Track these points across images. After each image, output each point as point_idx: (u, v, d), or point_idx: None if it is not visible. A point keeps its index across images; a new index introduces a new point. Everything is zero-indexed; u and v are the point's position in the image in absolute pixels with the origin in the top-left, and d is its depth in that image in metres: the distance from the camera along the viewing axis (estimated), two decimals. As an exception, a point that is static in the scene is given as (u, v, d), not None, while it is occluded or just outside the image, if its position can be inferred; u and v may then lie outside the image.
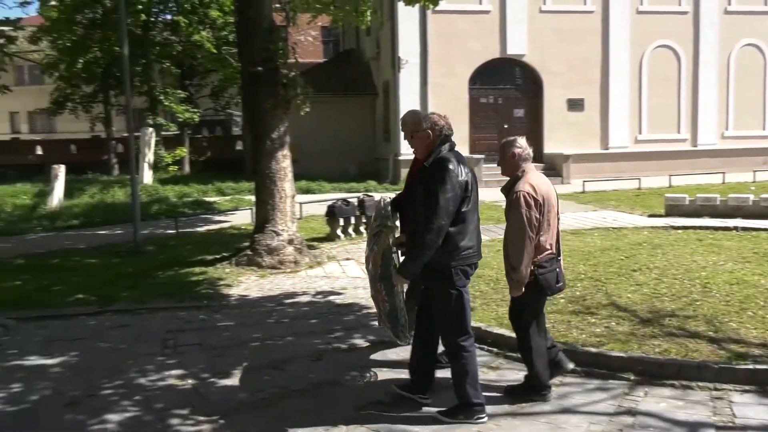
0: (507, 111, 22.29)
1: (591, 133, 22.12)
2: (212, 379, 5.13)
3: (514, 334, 5.05)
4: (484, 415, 4.28)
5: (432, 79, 21.09)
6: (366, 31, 23.85)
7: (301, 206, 12.74)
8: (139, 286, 8.39)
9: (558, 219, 4.62)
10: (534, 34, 21.43)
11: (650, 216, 13.04)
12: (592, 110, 22.11)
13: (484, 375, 5.06)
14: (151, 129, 23.79)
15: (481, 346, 5.68)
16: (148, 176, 22.25)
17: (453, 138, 4.52)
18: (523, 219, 4.31)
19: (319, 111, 14.99)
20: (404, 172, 21.36)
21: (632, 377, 4.83)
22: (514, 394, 4.67)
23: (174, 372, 5.29)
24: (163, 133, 27.50)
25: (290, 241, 9.33)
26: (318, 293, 7.84)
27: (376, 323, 6.51)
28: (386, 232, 4.69)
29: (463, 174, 4.20)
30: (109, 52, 25.41)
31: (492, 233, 11.45)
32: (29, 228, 14.12)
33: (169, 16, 27.75)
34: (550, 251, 4.50)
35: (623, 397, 4.58)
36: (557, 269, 4.57)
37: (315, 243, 10.91)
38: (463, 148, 20.51)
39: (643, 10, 22.01)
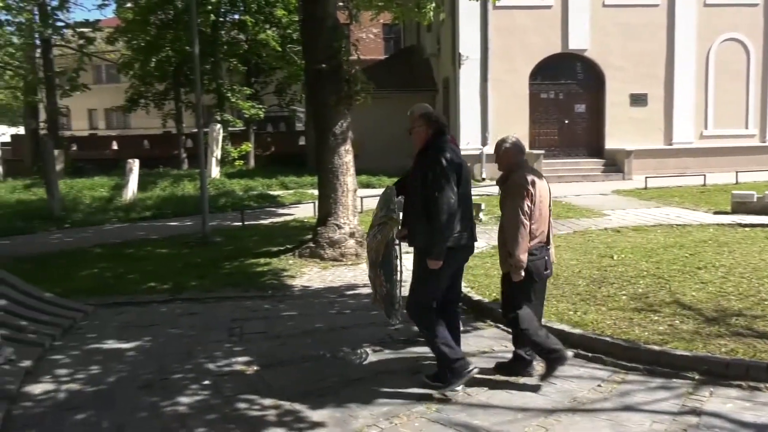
0: (568, 106, 21.84)
1: (654, 128, 21.45)
2: (277, 367, 5.23)
3: (573, 330, 5.41)
4: (471, 367, 4.52)
5: (492, 74, 20.84)
6: (427, 28, 23.75)
7: (362, 200, 12.81)
8: (207, 275, 8.61)
9: (549, 210, 4.86)
10: (596, 29, 20.91)
11: (716, 213, 12.56)
12: (655, 105, 21.43)
13: (543, 371, 4.99)
14: (218, 125, 24.31)
15: (541, 341, 5.61)
16: (215, 170, 22.75)
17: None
18: (517, 208, 4.58)
19: (380, 107, 15.03)
20: (463, 167, 21.34)
21: (697, 377, 4.68)
22: (504, 369, 4.91)
23: (240, 359, 5.41)
24: (230, 129, 28.05)
25: (351, 234, 9.41)
26: (378, 285, 7.88)
27: (435, 316, 6.55)
28: (390, 224, 4.95)
29: (455, 161, 4.52)
30: (180, 51, 26.05)
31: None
32: (106, 219, 14.65)
33: (236, 16, 28.26)
34: (539, 239, 4.72)
35: (687, 396, 4.44)
36: (546, 257, 4.80)
37: (376, 236, 10.96)
38: (522, 143, 20.25)
39: (710, 3, 21.16)
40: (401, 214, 4.98)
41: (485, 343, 5.67)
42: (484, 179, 20.75)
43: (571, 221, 12.05)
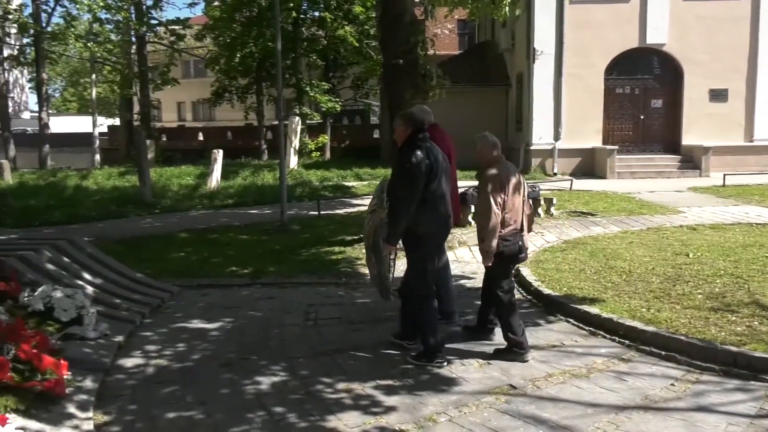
0: (644, 101, 21.06)
1: (734, 124, 20.43)
2: (351, 352, 5.27)
3: (646, 327, 5.34)
4: (443, 361, 4.88)
5: (567, 69, 20.31)
6: (501, 24, 23.37)
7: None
8: (285, 261, 8.77)
9: (524, 201, 5.19)
10: (676, 23, 20.05)
11: (799, 213, 11.87)
12: (736, 101, 20.39)
13: (615, 366, 4.87)
14: (297, 118, 24.71)
15: (612, 337, 5.46)
16: (293, 161, 23.17)
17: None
18: (489, 199, 4.88)
19: (454, 101, 14.93)
20: (535, 162, 20.94)
21: (776, 380, 4.44)
22: (499, 356, 5.05)
23: (315, 343, 5.48)
24: (308, 121, 28.50)
25: (423, 226, 9.37)
26: (449, 276, 7.83)
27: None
28: (379, 211, 5.39)
29: (427, 158, 4.82)
30: (263, 47, 26.62)
31: (624, 224, 10.91)
32: (192, 205, 15.13)
33: (316, 13, 28.62)
34: (513, 227, 5.03)
35: (766, 399, 4.21)
36: (520, 242, 5.10)
37: (446, 228, 10.89)
38: (596, 138, 19.81)
39: (798, -7, 19.96)
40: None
41: (555, 337, 5.55)
42: (555, 174, 20.27)
43: (645, 218, 11.63)
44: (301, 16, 27.99)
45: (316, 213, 13.13)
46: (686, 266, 7.50)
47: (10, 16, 26.48)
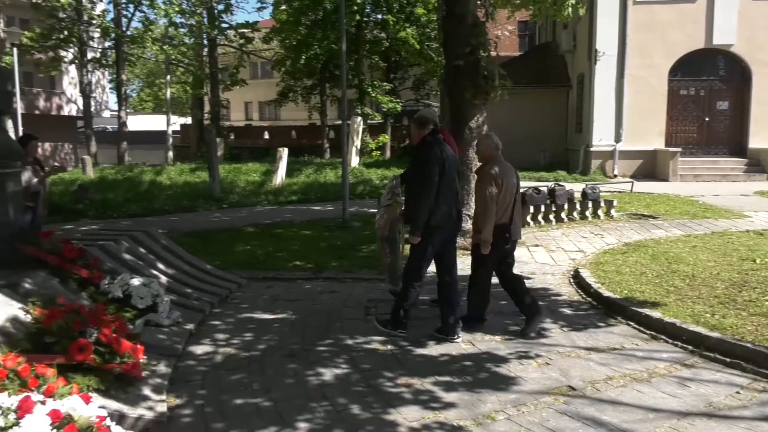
0: (709, 103, 20.25)
1: (804, 127, 19.44)
2: (409, 347, 5.26)
3: (711, 333, 5.18)
4: (404, 331, 5.42)
5: (629, 70, 19.72)
6: (563, 25, 22.92)
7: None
8: (346, 257, 8.83)
9: (515, 198, 5.59)
10: (744, 23, 19.18)
11: None
12: (808, 103, 19.40)
13: (678, 371, 4.69)
14: (359, 118, 24.86)
15: (674, 342, 5.27)
16: (355, 160, 23.31)
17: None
18: (486, 194, 5.34)
19: (514, 102, 14.66)
20: (595, 163, 20.43)
21: None
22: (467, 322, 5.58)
23: (376, 338, 5.49)
24: (369, 121, 28.63)
25: (482, 225, 9.28)
26: (507, 276, 7.72)
27: (566, 309, 6.34)
28: (395, 206, 5.79)
29: (443, 156, 5.20)
30: (328, 49, 26.87)
31: (687, 228, 10.51)
32: (258, 201, 15.44)
33: (379, 16, 28.70)
34: (503, 221, 5.46)
35: (838, 412, 3.98)
36: (507, 234, 5.54)
37: (505, 228, 10.75)
38: (658, 140, 19.17)
39: None
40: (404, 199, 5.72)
41: (615, 340, 5.39)
42: (616, 176, 19.73)
43: (709, 221, 11.18)
44: (364, 18, 28.13)
45: (376, 210, 13.15)
46: (753, 272, 7.17)
47: (94, 22, 27.59)
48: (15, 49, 21.73)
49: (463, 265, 6.99)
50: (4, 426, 2.71)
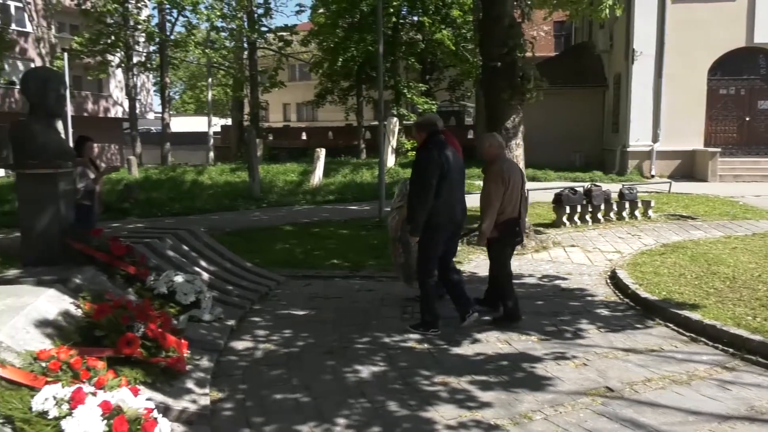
0: (750, 103, 19.71)
1: None
2: (445, 346, 5.24)
3: (752, 336, 5.05)
4: (437, 330, 5.47)
5: (667, 70, 19.31)
6: (599, 25, 22.55)
7: (528, 193, 12.47)
8: (382, 256, 8.81)
9: (522, 193, 5.81)
10: (788, 21, 18.63)
11: None
12: None
13: (718, 374, 4.57)
14: (395, 119, 24.87)
15: (715, 344, 5.14)
16: (391, 160, 23.33)
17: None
18: (491, 191, 5.55)
19: (549, 102, 14.51)
20: (632, 163, 20.05)
21: None
22: (498, 324, 5.70)
23: (413, 336, 5.48)
24: (405, 122, 28.61)
25: (518, 225, 9.19)
26: (543, 276, 7.63)
27: (603, 310, 6.24)
28: (406, 206, 5.79)
29: (439, 158, 5.30)
30: (364, 51, 26.94)
31: (727, 229, 10.25)
32: (296, 200, 15.57)
33: (415, 18, 28.66)
34: (512, 216, 5.65)
35: None
36: (517, 227, 5.75)
37: (540, 228, 10.63)
38: (697, 140, 18.77)
39: None
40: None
41: (653, 342, 5.28)
42: (653, 176, 19.34)
43: (750, 222, 10.87)
44: (401, 21, 28.13)
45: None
46: (796, 274, 6.95)
47: (140, 27, 28.19)
48: (65, 54, 22.33)
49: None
50: (58, 415, 2.79)
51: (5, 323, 3.60)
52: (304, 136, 35.96)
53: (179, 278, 5.54)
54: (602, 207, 11.41)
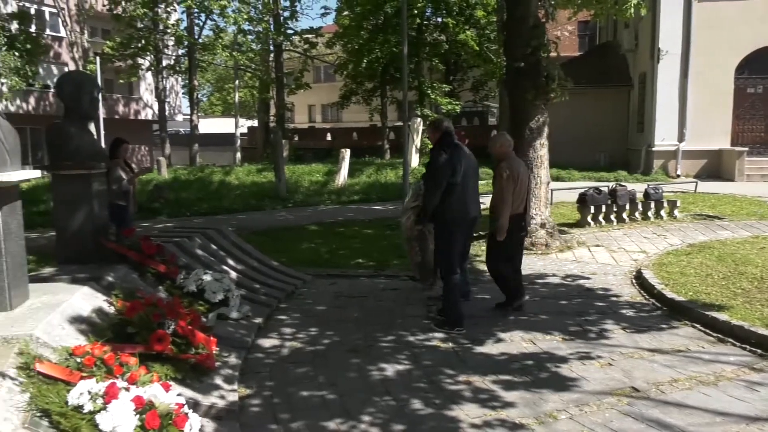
0: (778, 101, 19.30)
1: None
2: (469, 345, 5.22)
3: None
4: (462, 329, 5.49)
5: (693, 69, 19.00)
6: (624, 24, 22.25)
7: (552, 193, 12.37)
8: (407, 255, 8.81)
9: (528, 190, 6.07)
10: (817, 18, 18.20)
11: None
12: None
13: (746, 375, 4.49)
14: (419, 119, 24.82)
15: (742, 345, 5.04)
16: (415, 160, 23.30)
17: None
18: (503, 187, 5.80)
19: (573, 102, 14.34)
20: (657, 163, 19.75)
21: None
22: (502, 308, 6.09)
23: (437, 335, 5.48)
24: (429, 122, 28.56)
25: (542, 225, 9.12)
26: (568, 276, 7.56)
27: (628, 310, 6.17)
28: (421, 206, 5.94)
29: (450, 159, 5.49)
30: (388, 52, 26.93)
31: (755, 229, 10.05)
32: (321, 200, 15.63)
33: (439, 19, 28.57)
34: (518, 211, 5.91)
35: None
36: (523, 222, 6.07)
37: (565, 228, 10.53)
38: (723, 140, 18.42)
39: None
40: None
41: (680, 342, 5.20)
42: (678, 176, 19.04)
43: (778, 223, 10.65)
44: (424, 22, 28.06)
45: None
46: (827, 275, 6.79)
47: (169, 31, 28.54)
48: (98, 58, 22.71)
49: (522, 264, 6.91)
50: (93, 410, 2.85)
51: (41, 320, 3.67)
52: (329, 137, 36.10)
53: (208, 277, 5.61)
54: (627, 207, 11.26)
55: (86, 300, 4.32)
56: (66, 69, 29.22)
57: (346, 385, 4.44)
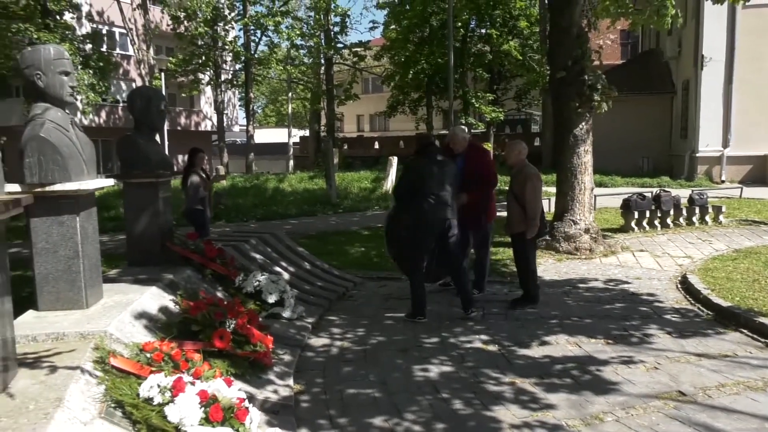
0: (826, 107, 18.42)
1: None
2: (514, 347, 5.15)
3: None
4: (423, 318, 5.90)
5: (738, 75, 18.35)
6: (667, 32, 21.63)
7: (595, 198, 12.11)
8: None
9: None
10: None
11: None
12: None
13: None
14: (463, 127, 24.68)
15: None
16: (459, 167, 23.13)
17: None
18: (536, 189, 6.06)
19: (616, 109, 14.01)
20: (701, 169, 19.12)
21: None
22: (516, 304, 6.28)
23: (482, 336, 5.43)
24: (473, 130, 28.37)
25: (586, 230, 8.94)
26: (611, 280, 7.38)
27: (673, 315, 5.99)
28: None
29: (423, 168, 5.83)
30: (434, 63, 26.92)
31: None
32: (369, 206, 15.69)
33: (483, 31, 28.41)
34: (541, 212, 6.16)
35: None
36: (544, 221, 6.36)
37: (608, 233, 10.29)
38: (766, 147, 17.67)
39: None
40: None
41: (727, 347, 5.02)
42: (723, 181, 18.38)
43: (828, 228, 10.15)
44: (469, 33, 27.94)
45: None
46: None
47: (227, 47, 29.24)
48: (162, 74, 23.42)
49: (567, 268, 6.79)
50: (162, 402, 2.93)
51: (114, 317, 3.81)
52: (376, 145, 36.26)
53: (264, 278, 5.71)
54: (672, 212, 10.93)
55: (153, 299, 4.45)
56: (134, 85, 30.24)
57: (393, 383, 4.44)
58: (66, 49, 3.80)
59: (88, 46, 17.26)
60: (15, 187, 3.62)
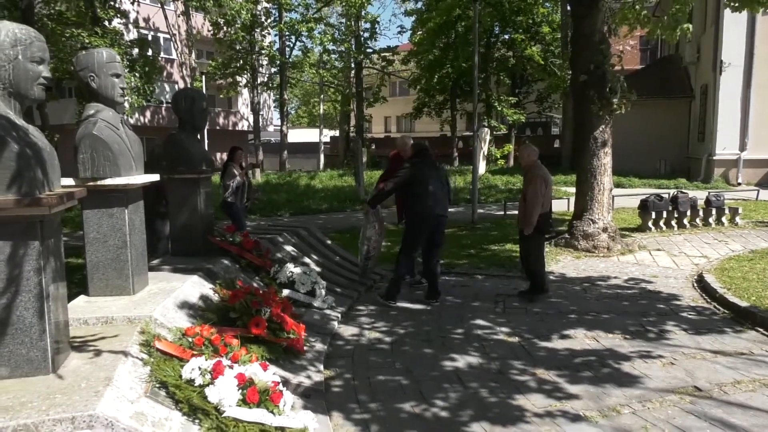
0: None
1: None
2: (535, 340, 5.10)
3: None
4: (395, 302, 6.20)
5: (756, 80, 17.85)
6: (686, 37, 21.15)
7: (613, 198, 11.91)
8: (475, 255, 8.74)
9: (551, 194, 6.32)
10: None
11: None
12: None
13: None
14: (486, 129, 24.52)
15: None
16: (482, 167, 23.03)
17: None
18: (537, 191, 6.08)
19: (635, 112, 13.76)
20: (718, 171, 18.67)
21: None
22: (523, 296, 6.38)
23: (504, 329, 5.39)
24: (495, 132, 28.14)
25: (604, 229, 8.80)
26: (629, 278, 7.26)
27: (689, 313, 5.87)
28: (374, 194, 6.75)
29: (415, 171, 6.12)
30: (458, 68, 26.75)
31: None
32: (393, 203, 15.63)
33: (506, 36, 28.13)
34: (545, 210, 6.19)
35: None
36: (550, 220, 6.36)
37: (626, 233, 10.12)
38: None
39: None
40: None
41: (743, 345, 4.89)
42: (740, 184, 17.92)
43: None
44: (492, 39, 27.69)
45: (502, 213, 12.93)
46: None
47: (263, 52, 29.43)
48: (203, 76, 23.72)
49: (585, 265, 6.68)
50: (202, 383, 2.97)
51: (159, 303, 3.87)
52: (402, 146, 36.10)
53: (298, 270, 5.74)
54: (688, 213, 10.70)
55: (195, 287, 4.51)
56: (176, 87, 30.66)
57: (420, 372, 4.43)
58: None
59: (135, 51, 17.53)
60: (69, 182, 3.70)
